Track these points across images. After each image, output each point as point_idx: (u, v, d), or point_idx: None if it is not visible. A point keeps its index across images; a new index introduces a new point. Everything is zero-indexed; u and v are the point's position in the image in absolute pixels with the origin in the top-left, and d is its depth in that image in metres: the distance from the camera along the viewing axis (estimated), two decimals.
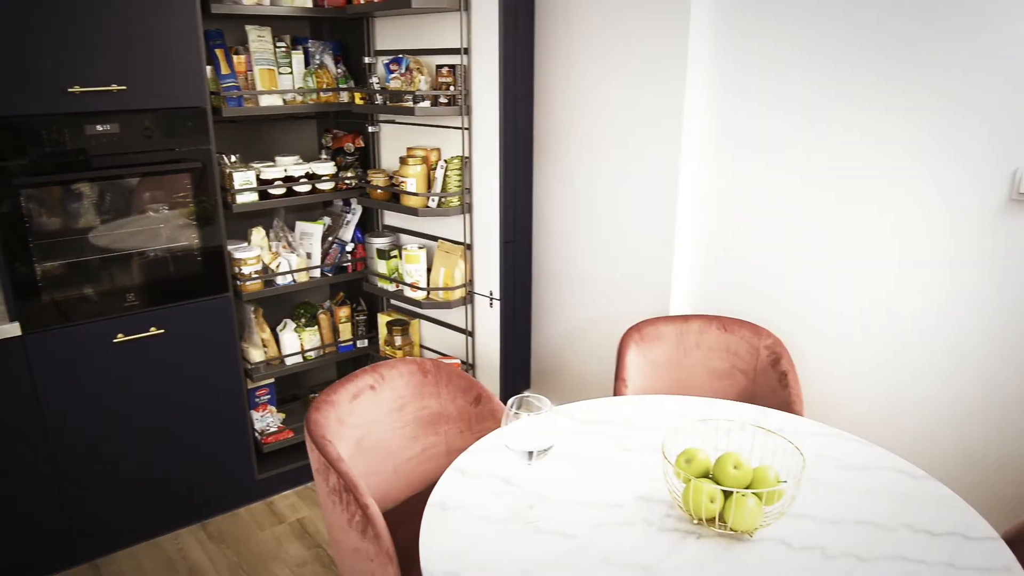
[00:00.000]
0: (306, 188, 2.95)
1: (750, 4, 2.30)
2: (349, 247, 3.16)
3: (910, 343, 2.18)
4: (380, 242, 3.16)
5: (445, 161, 2.84)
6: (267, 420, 3.14)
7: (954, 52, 1.94)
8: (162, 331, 2.57)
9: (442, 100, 2.75)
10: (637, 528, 1.46)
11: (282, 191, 2.89)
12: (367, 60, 3.04)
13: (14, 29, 2.13)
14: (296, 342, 3.09)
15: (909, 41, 2.00)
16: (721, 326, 2.40)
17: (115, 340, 2.48)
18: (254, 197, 2.82)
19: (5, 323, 2.27)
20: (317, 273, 3.08)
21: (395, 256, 3.10)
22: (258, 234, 2.94)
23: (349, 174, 3.09)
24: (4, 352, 2.28)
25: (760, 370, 2.31)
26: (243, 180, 2.77)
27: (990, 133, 1.93)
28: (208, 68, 2.59)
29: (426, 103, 2.75)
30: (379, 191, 3.03)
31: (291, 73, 2.90)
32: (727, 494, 1.40)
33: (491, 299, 2.90)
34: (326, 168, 3.00)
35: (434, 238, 3.10)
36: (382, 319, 3.27)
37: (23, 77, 2.18)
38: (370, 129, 3.20)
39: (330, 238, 3.16)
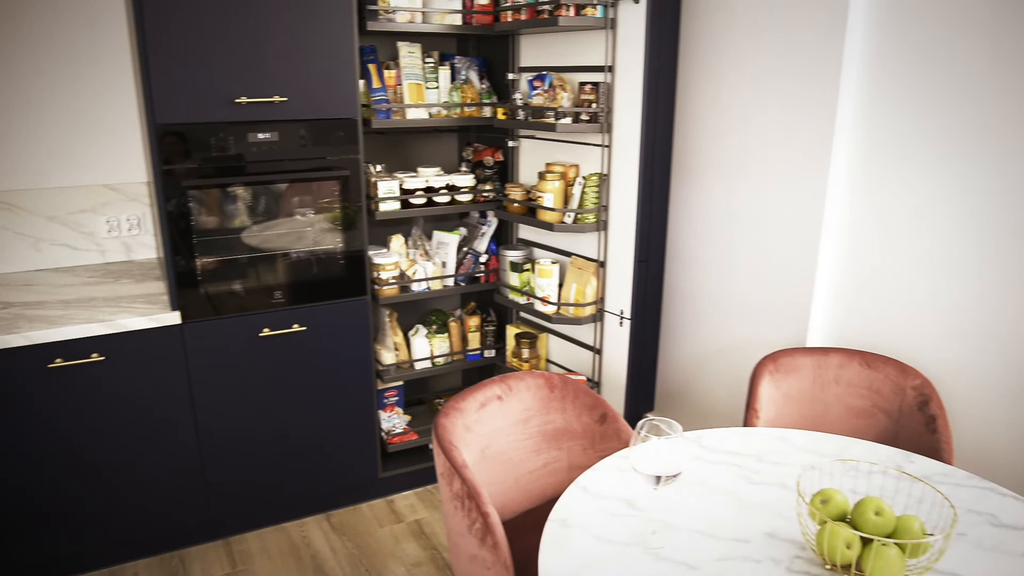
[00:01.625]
0: (445, 199, 3.04)
1: (905, 37, 2.18)
2: (483, 258, 3.22)
3: None
4: (514, 255, 3.20)
5: (583, 178, 2.85)
6: (394, 421, 3.23)
7: None
8: (303, 328, 2.70)
9: (583, 117, 2.76)
10: (763, 566, 1.40)
11: (422, 201, 2.98)
12: (511, 76, 3.10)
13: (190, 45, 2.32)
14: (426, 347, 3.17)
15: None
16: (864, 362, 2.27)
17: (260, 334, 2.63)
18: (396, 206, 2.92)
19: (168, 312, 2.45)
20: (451, 282, 3.15)
21: (528, 269, 3.13)
22: (397, 241, 3.05)
23: (487, 187, 3.16)
24: (166, 339, 2.47)
25: (905, 412, 2.17)
26: (387, 189, 2.88)
27: None
28: (360, 82, 2.72)
29: (567, 120, 2.77)
30: (516, 205, 3.07)
31: (437, 88, 2.99)
32: (866, 541, 1.32)
33: (621, 318, 2.87)
34: (466, 180, 3.07)
35: (567, 253, 3.10)
36: (511, 331, 3.30)
37: (196, 89, 2.36)
38: (510, 144, 3.25)
39: (465, 248, 3.23)
